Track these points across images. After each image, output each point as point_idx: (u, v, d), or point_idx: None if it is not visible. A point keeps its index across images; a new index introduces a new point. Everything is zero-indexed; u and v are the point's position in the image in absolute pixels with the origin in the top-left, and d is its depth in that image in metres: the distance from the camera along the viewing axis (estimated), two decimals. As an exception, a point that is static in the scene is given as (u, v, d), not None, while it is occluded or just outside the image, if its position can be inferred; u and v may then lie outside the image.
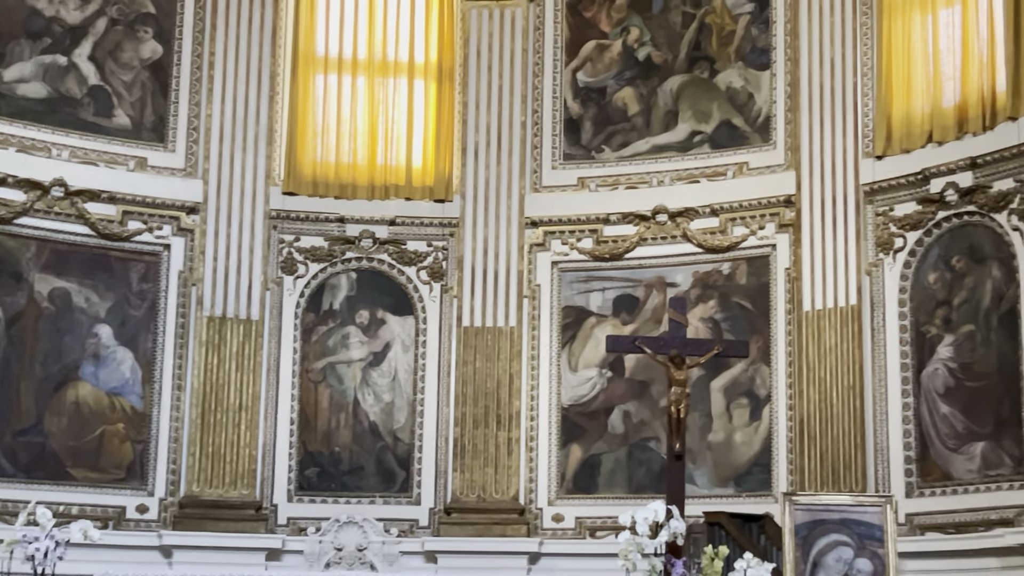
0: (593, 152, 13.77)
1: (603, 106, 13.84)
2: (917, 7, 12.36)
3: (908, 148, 12.23)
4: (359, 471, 13.36)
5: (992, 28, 11.77)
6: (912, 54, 12.34)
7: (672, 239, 13.33)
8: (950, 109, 12.03)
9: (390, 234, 13.67)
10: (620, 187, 13.57)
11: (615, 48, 13.93)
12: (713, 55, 13.62)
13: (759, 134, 13.26)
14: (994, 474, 11.35)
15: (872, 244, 12.37)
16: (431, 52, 13.95)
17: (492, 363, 13.24)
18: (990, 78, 11.74)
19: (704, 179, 13.34)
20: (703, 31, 13.67)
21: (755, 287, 13.02)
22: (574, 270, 13.57)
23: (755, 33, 13.43)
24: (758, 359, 12.83)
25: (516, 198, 13.57)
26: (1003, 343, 11.45)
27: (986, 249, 11.71)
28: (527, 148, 13.69)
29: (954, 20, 12.10)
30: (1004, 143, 11.52)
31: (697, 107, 13.58)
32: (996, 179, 11.60)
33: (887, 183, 12.32)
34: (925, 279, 12.11)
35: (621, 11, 13.92)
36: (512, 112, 13.66)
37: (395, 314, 13.62)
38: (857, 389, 12.10)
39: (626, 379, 13.30)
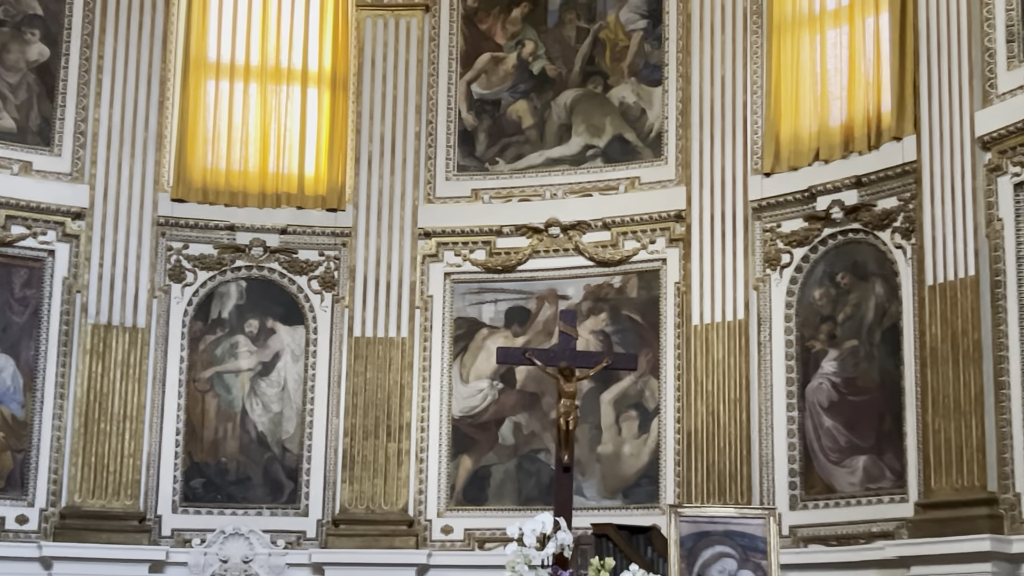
0: (487, 164, 13.81)
1: (497, 118, 13.88)
2: (806, 27, 12.58)
3: (795, 166, 12.42)
4: (246, 482, 13.21)
5: (878, 50, 12.02)
6: (800, 74, 12.55)
7: (564, 252, 13.40)
8: (837, 128, 12.24)
9: (281, 243, 13.56)
10: (513, 199, 13.62)
11: (510, 61, 13.98)
12: (607, 70, 13.73)
13: (651, 149, 13.38)
14: (875, 487, 11.55)
15: (760, 260, 12.54)
16: (325, 60, 13.88)
17: (383, 374, 13.19)
18: (876, 99, 11.98)
19: (596, 193, 13.43)
20: (597, 46, 13.78)
21: (645, 300, 13.14)
22: (467, 281, 13.57)
23: (648, 49, 13.57)
24: (648, 372, 12.94)
25: (409, 208, 13.54)
26: (885, 358, 11.67)
27: (870, 266, 11.93)
28: (421, 159, 13.67)
29: (841, 41, 12.34)
30: (888, 163, 11.75)
31: (590, 121, 13.67)
32: (880, 198, 11.83)
33: (775, 200, 12.50)
34: (811, 295, 12.30)
35: (516, 24, 13.99)
36: (406, 122, 13.63)
37: (285, 324, 13.50)
38: (743, 403, 12.25)
39: (517, 391, 13.33)
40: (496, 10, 14.01)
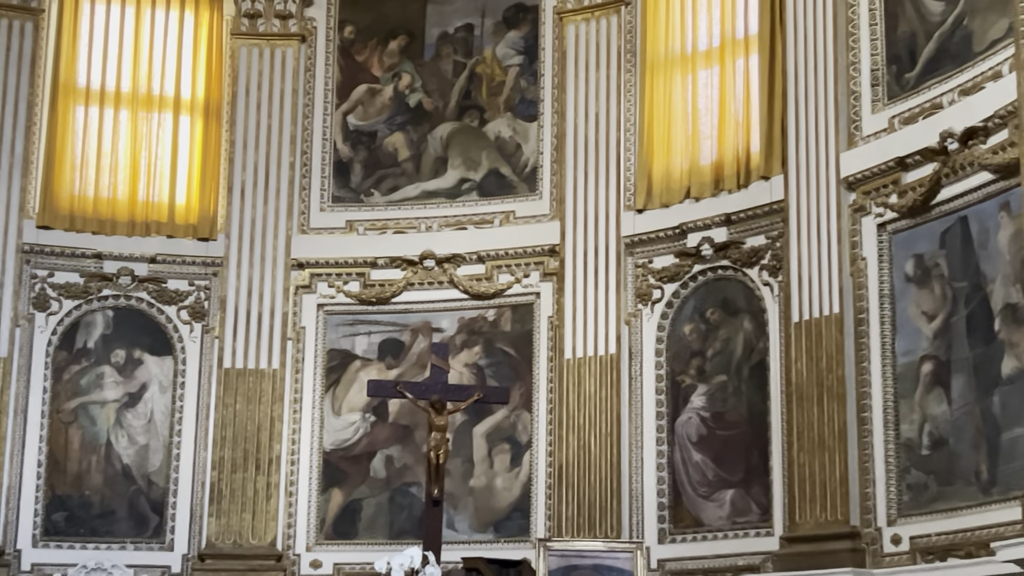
0: (362, 195, 13.76)
1: (373, 150, 13.86)
2: (678, 67, 12.78)
3: (667, 203, 12.59)
4: (110, 515, 12.93)
5: (748, 91, 12.25)
6: (672, 113, 12.74)
7: (439, 285, 13.39)
8: (707, 167, 12.44)
9: (150, 272, 13.34)
10: (388, 231, 13.58)
11: (386, 93, 13.98)
12: (483, 104, 13.80)
13: (526, 184, 13.46)
14: (742, 521, 11.70)
15: (632, 295, 12.67)
16: (198, 88, 13.73)
17: (253, 406, 13.03)
18: (745, 139, 12.20)
19: (472, 226, 13.46)
20: (473, 80, 13.84)
21: (519, 334, 13.18)
22: (340, 313, 13.49)
23: (524, 85, 13.67)
24: (520, 405, 12.97)
25: (282, 239, 13.42)
26: (753, 393, 11.85)
27: (739, 302, 12.12)
28: (295, 189, 13.57)
29: (712, 81, 12.56)
30: (757, 201, 11.96)
31: (466, 155, 13.72)
32: (749, 235, 12.04)
33: (647, 236, 12.65)
34: (681, 330, 12.45)
35: (393, 57, 13.99)
36: (280, 152, 13.53)
37: (153, 354, 13.28)
38: (614, 436, 12.33)
39: (390, 423, 13.26)
40: (373, 42, 14.00)
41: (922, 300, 10.44)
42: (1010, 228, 9.65)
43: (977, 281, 9.97)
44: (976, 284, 9.98)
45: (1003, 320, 9.67)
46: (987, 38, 10.10)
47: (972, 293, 10.01)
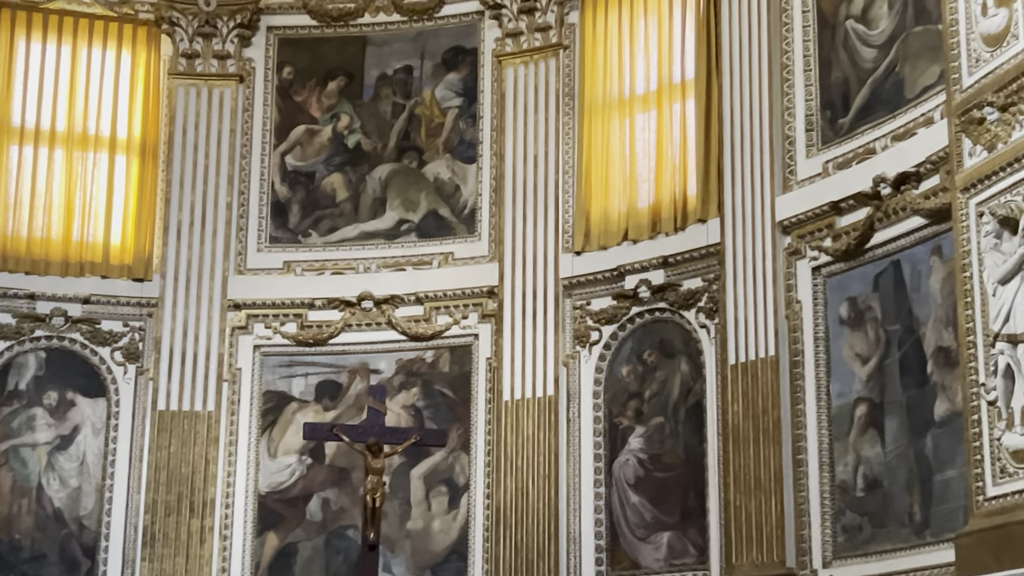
0: (300, 236, 13.70)
1: (311, 191, 13.82)
2: (616, 111, 12.88)
3: (605, 245, 12.65)
4: (41, 559, 12.71)
5: (685, 135, 12.36)
6: (610, 155, 12.82)
7: (377, 326, 13.35)
8: (645, 209, 12.52)
9: (84, 312, 13.19)
10: (327, 272, 13.53)
11: (325, 134, 13.95)
12: (422, 146, 13.81)
13: (465, 225, 13.47)
14: (679, 563, 11.71)
15: (570, 336, 12.69)
16: (135, 128, 13.64)
17: (188, 448, 12.89)
18: (682, 182, 12.30)
19: (410, 267, 13.44)
20: (413, 122, 13.86)
21: (457, 376, 13.15)
22: (277, 354, 13.39)
23: (463, 127, 13.70)
24: (458, 447, 12.93)
25: (219, 279, 13.33)
26: (690, 435, 11.89)
27: (676, 344, 12.17)
28: (232, 229, 13.49)
29: (650, 125, 12.66)
30: (694, 244, 12.04)
31: (405, 196, 13.71)
32: (686, 278, 12.11)
33: (585, 278, 12.70)
34: (619, 372, 12.48)
35: (332, 98, 13.98)
36: (218, 192, 13.46)
37: (86, 396, 13.11)
38: (552, 479, 12.32)
39: (326, 466, 13.16)
40: (312, 83, 13.99)
41: (856, 343, 10.53)
42: (942, 272, 9.77)
43: (910, 324, 10.08)
44: (909, 327, 10.08)
45: (935, 363, 9.77)
46: (919, 85, 10.26)
47: (905, 336, 10.12)
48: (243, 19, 13.77)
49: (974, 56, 8.74)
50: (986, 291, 8.37)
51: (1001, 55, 8.48)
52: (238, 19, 13.76)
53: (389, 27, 13.95)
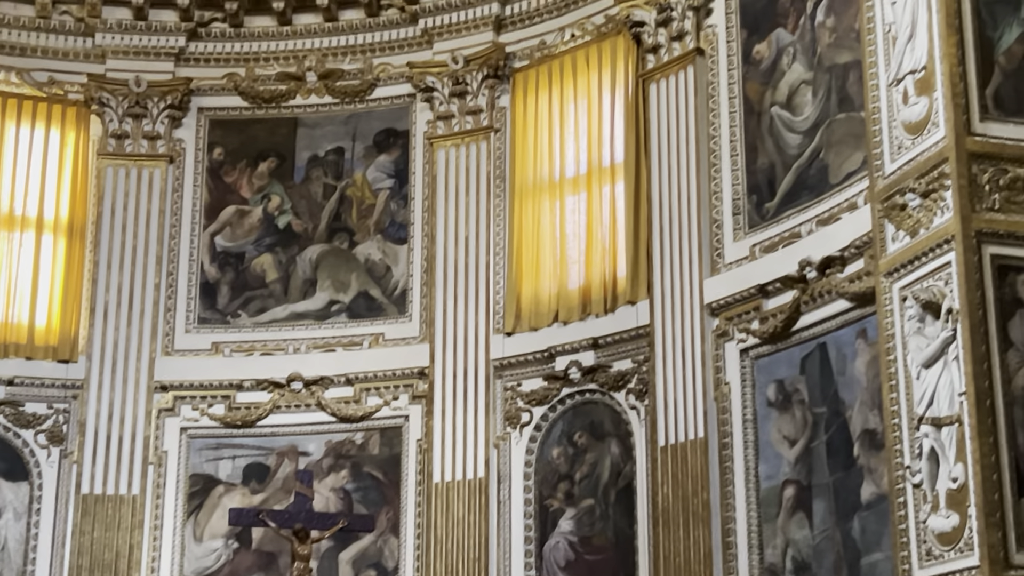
0: (229, 317, 13.61)
1: (241, 271, 13.74)
2: (546, 193, 12.97)
3: (536, 326, 12.67)
4: (-42, 648, 12.41)
5: (614, 217, 12.46)
6: (541, 237, 12.90)
7: (306, 407, 13.24)
8: (575, 291, 12.58)
9: (7, 395, 12.96)
10: (255, 353, 13.43)
11: (255, 214, 13.91)
12: (353, 227, 13.81)
13: (396, 306, 13.45)
14: (610, 646, 11.65)
15: (500, 418, 12.66)
16: (62, 208, 13.52)
17: (112, 532, 12.65)
18: (612, 264, 12.38)
19: (340, 348, 13.37)
20: (344, 203, 13.87)
21: (387, 458, 13.06)
22: (204, 437, 13.23)
23: (394, 208, 13.73)
24: (387, 530, 12.80)
25: (146, 361, 13.19)
26: (620, 518, 11.86)
27: (606, 426, 12.18)
28: (160, 310, 13.37)
29: (580, 207, 12.76)
30: (624, 325, 12.10)
31: (336, 277, 13.67)
32: (616, 359, 12.15)
33: (515, 359, 12.70)
34: (549, 453, 12.46)
35: (263, 178, 13.97)
36: (146, 273, 13.35)
37: (8, 479, 12.85)
38: (482, 562, 12.23)
39: (253, 550, 12.97)
40: (243, 164, 13.97)
41: (784, 425, 10.60)
42: (867, 355, 9.88)
43: (836, 407, 10.16)
44: (835, 410, 10.16)
45: (862, 446, 9.85)
46: (843, 171, 10.43)
47: (832, 418, 10.20)
48: (174, 100, 13.77)
49: (896, 143, 8.93)
50: (910, 374, 8.49)
51: (922, 142, 8.68)
52: (169, 100, 13.75)
53: (321, 109, 14.00)
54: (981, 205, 8.29)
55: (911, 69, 8.82)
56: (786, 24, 11.21)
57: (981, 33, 8.56)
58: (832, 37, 10.69)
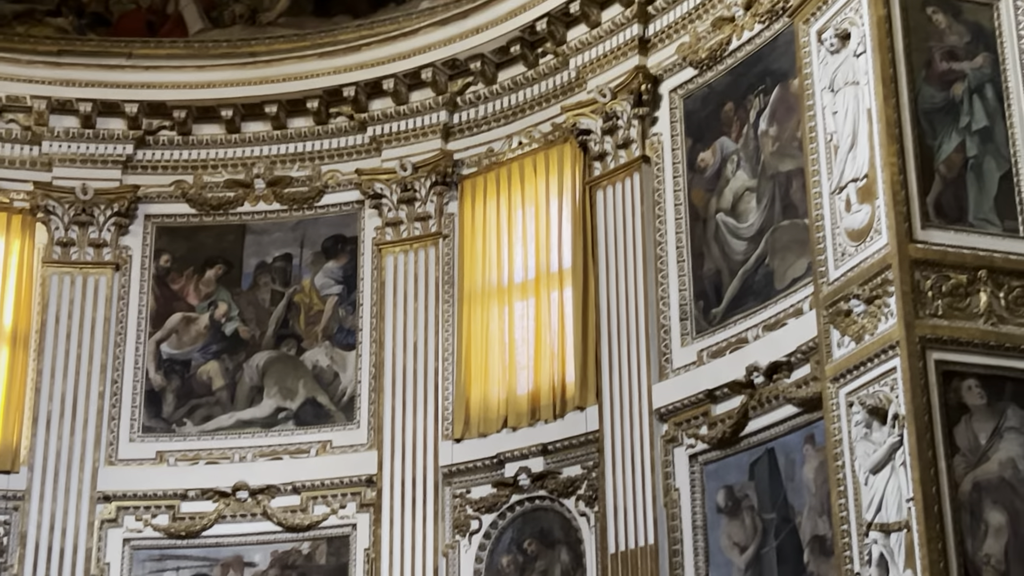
0: (174, 425, 13.44)
1: (187, 379, 13.61)
2: (495, 298, 12.99)
3: (485, 432, 12.61)
4: None
5: (563, 323, 12.48)
6: (489, 343, 12.88)
7: (252, 517, 13.07)
8: (524, 397, 12.54)
9: (-57, 508, 12.75)
10: (201, 462, 13.26)
11: (202, 321, 13.82)
12: (301, 333, 13.75)
13: (343, 413, 13.35)
14: None
15: (449, 526, 12.54)
16: (6, 317, 13.36)
17: (50, 648, 12.38)
18: (561, 369, 12.37)
19: (287, 456, 13.24)
20: (292, 309, 13.81)
21: (334, 567, 12.88)
22: (147, 548, 13.00)
23: (342, 314, 13.69)
24: (333, 641, 12.62)
25: (89, 471, 12.98)
26: (571, 627, 11.75)
27: (556, 533, 12.08)
28: (104, 419, 13.19)
29: (528, 313, 12.77)
30: (573, 431, 12.06)
31: (283, 384, 13.57)
32: (565, 465, 12.09)
33: (464, 466, 12.61)
34: (499, 561, 12.33)
35: (210, 285, 13.90)
36: (90, 381, 13.19)
37: (-57, 594, 12.59)
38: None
39: (197, 664, 12.73)
40: (190, 271, 13.90)
41: (734, 531, 10.55)
42: (815, 460, 9.88)
43: (786, 513, 10.14)
44: (785, 516, 10.14)
45: (811, 552, 9.81)
46: (788, 276, 10.53)
47: (781, 525, 10.17)
48: (121, 208, 13.73)
49: (840, 250, 9.04)
50: (858, 480, 8.50)
51: (865, 249, 8.79)
52: (115, 208, 13.71)
53: (269, 215, 14.01)
54: (925, 311, 8.39)
55: (853, 177, 8.97)
56: (730, 132, 11.38)
57: (921, 142, 8.74)
58: (775, 145, 10.87)
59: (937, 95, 8.88)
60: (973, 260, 8.53)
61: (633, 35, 12.19)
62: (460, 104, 13.51)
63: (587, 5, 12.39)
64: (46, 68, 13.71)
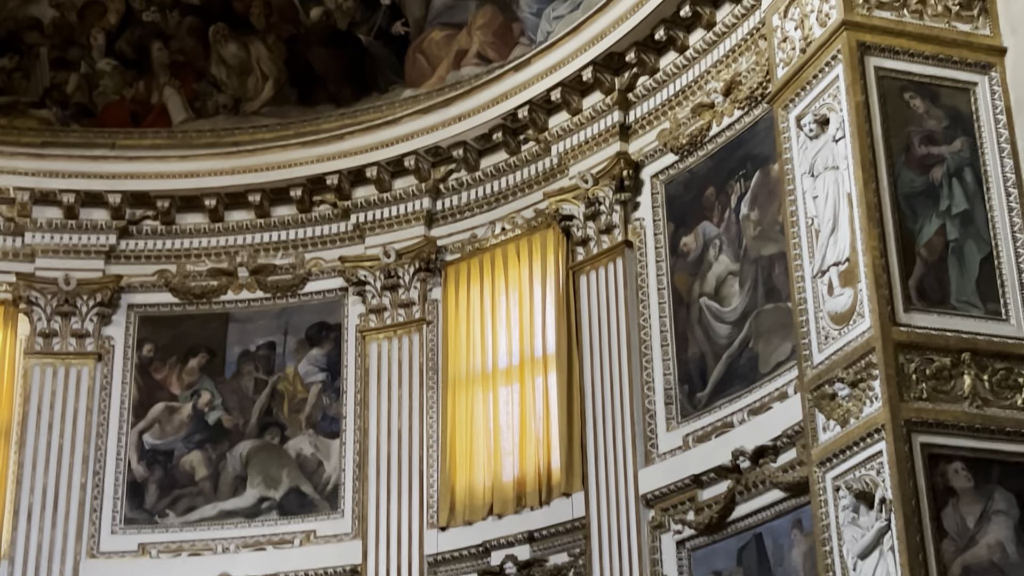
0: (157, 516, 13.29)
1: (170, 469, 13.49)
2: (479, 384, 12.94)
3: (470, 520, 12.51)
4: None
5: (548, 408, 12.43)
6: (474, 429, 12.81)
7: (236, 608, 12.92)
8: (510, 483, 12.45)
9: (-78, 588, 12.57)
10: (184, 553, 13.11)
11: (185, 411, 13.73)
12: (285, 421, 13.67)
13: (328, 502, 13.24)
14: None
15: (437, 613, 12.44)
16: (-12, 409, 13.33)
17: None
18: (546, 455, 12.30)
19: (271, 546, 13.11)
20: (275, 397, 13.74)
21: (316, 658, 12.75)
22: (124, 640, 12.84)
23: (326, 402, 13.63)
24: None
25: (70, 565, 12.81)
26: None
27: (528, 620, 11.98)
28: (85, 511, 13.05)
29: (513, 399, 12.72)
30: (559, 518, 11.96)
31: (267, 473, 13.47)
32: (552, 553, 11.98)
33: (450, 554, 12.49)
34: (483, 650, 12.20)
35: (192, 374, 13.83)
36: (72, 473, 13.07)
37: None
38: None
39: None
40: (173, 360, 13.83)
41: (723, 618, 10.47)
42: (803, 545, 9.82)
43: (775, 599, 10.07)
44: (774, 602, 10.07)
45: (802, 638, 9.73)
46: (772, 360, 10.52)
47: (771, 611, 10.09)
48: (103, 298, 13.70)
49: (823, 333, 9.04)
50: (847, 565, 8.44)
51: (849, 332, 8.80)
52: (98, 298, 13.68)
53: (253, 304, 13.98)
54: (909, 394, 8.38)
55: (835, 261, 8.99)
56: (712, 217, 11.44)
57: (902, 226, 8.78)
58: (757, 230, 10.92)
59: (917, 179, 8.94)
60: (957, 343, 8.54)
61: (614, 122, 12.29)
62: (443, 191, 13.57)
63: (568, 93, 12.50)
64: (30, 159, 13.75)
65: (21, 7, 14.42)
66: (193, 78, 14.64)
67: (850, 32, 9.12)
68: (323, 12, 14.51)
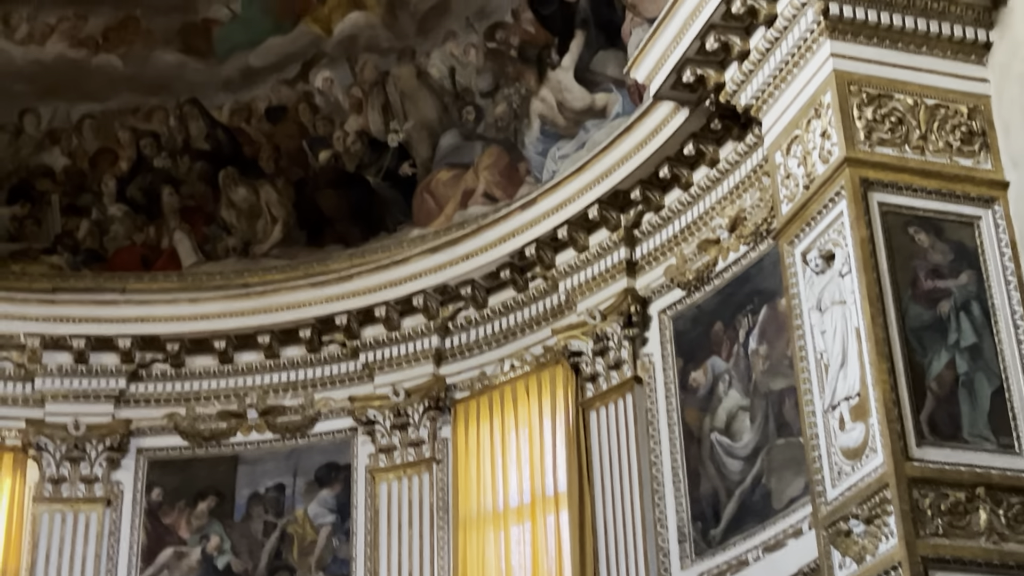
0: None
1: (180, 615, 13.36)
2: (490, 523, 12.82)
3: (479, 660, 12.33)
4: None
5: (559, 547, 12.28)
6: (486, 568, 12.64)
7: None
8: (523, 623, 12.30)
9: None
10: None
11: (194, 555, 13.59)
12: (294, 564, 13.52)
13: (336, 641, 13.09)
14: None
15: None
16: (-5, 554, 13.23)
17: None
18: (559, 595, 12.16)
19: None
20: (285, 540, 13.61)
21: None
22: None
23: (336, 544, 13.50)
24: None
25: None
26: None
27: None
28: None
29: (524, 538, 12.58)
30: (575, 659, 11.79)
31: (276, 616, 13.34)
32: None
33: None
34: None
35: (202, 518, 13.72)
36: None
37: None
38: None
39: None
40: (181, 503, 13.74)
41: None
42: None
43: None
44: None
45: None
46: (786, 496, 10.43)
47: None
48: (113, 442, 13.67)
49: (836, 469, 8.97)
50: None
51: (862, 468, 8.73)
52: (108, 442, 13.65)
53: (262, 445, 13.93)
54: (925, 530, 8.29)
55: (845, 395, 8.96)
56: (720, 352, 11.43)
57: (911, 359, 8.76)
58: (766, 364, 10.91)
59: (924, 313, 8.95)
60: (971, 477, 8.47)
61: (621, 258, 12.36)
62: (452, 329, 13.60)
63: (575, 231, 12.59)
64: (40, 305, 13.82)
65: (33, 155, 14.64)
66: (203, 222, 14.79)
67: (852, 168, 9.21)
68: (331, 155, 14.70)
